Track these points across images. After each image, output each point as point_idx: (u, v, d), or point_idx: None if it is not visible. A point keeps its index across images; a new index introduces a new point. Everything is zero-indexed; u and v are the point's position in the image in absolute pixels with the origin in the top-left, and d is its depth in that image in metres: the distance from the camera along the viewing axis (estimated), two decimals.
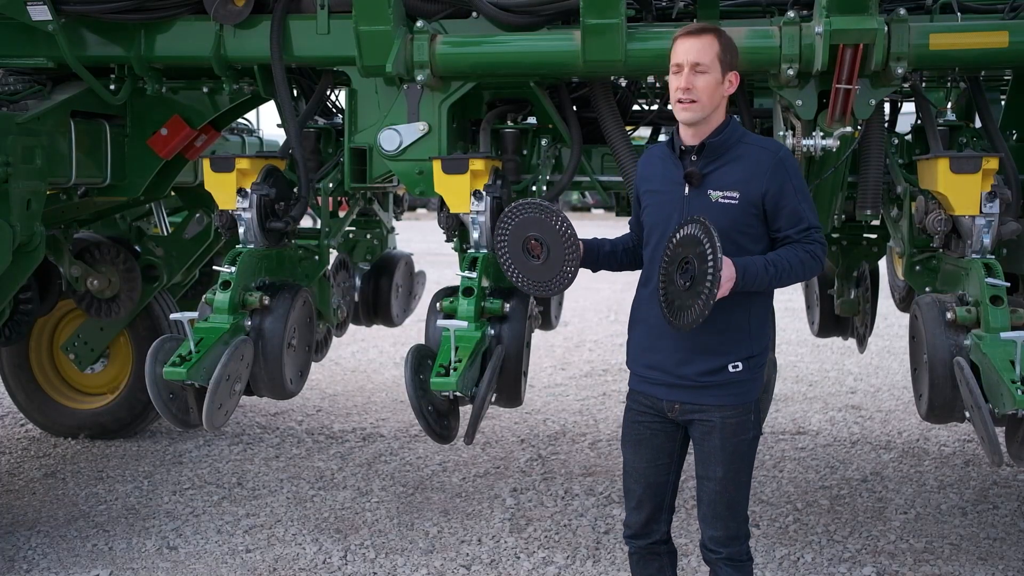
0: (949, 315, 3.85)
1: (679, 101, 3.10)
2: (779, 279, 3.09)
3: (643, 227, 3.35)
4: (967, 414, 3.76)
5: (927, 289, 4.40)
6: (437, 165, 4.24)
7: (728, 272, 2.96)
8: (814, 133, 3.98)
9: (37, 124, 4.58)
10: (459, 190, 4.24)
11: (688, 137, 3.19)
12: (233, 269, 4.20)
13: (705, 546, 3.32)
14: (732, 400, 3.18)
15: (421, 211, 22.78)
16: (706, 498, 3.26)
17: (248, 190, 4.40)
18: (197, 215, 6.15)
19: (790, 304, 10.55)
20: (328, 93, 5.11)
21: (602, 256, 3.49)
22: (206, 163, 4.48)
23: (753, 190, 3.10)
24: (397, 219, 6.62)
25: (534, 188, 4.68)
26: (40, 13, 4.38)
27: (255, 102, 5.17)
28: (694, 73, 3.07)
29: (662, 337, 3.20)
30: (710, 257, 2.90)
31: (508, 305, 4.18)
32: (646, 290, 3.29)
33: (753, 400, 3.23)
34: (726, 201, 3.10)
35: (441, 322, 3.96)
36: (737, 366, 3.16)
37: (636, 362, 3.33)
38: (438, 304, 4.22)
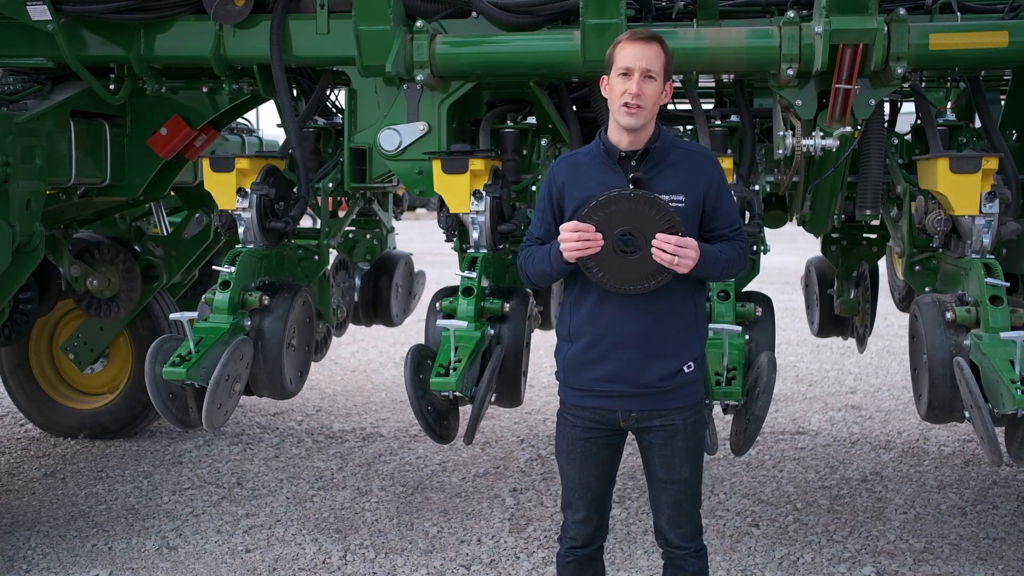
0: (949, 315, 3.86)
1: (626, 105, 3.05)
2: (721, 269, 3.17)
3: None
4: (967, 414, 3.76)
5: (927, 289, 4.40)
6: (437, 165, 4.24)
7: (693, 252, 3.01)
8: (814, 133, 3.99)
9: (37, 124, 4.58)
10: (459, 190, 4.24)
11: (625, 143, 3.14)
12: (233, 269, 4.20)
13: (671, 545, 3.31)
14: (690, 400, 3.23)
15: (421, 211, 22.75)
16: (669, 500, 3.27)
17: (248, 190, 4.40)
18: (197, 215, 6.15)
19: (790, 304, 10.54)
20: (328, 93, 5.11)
21: None
22: (206, 163, 4.49)
23: (697, 192, 3.15)
24: (397, 219, 6.62)
25: (533, 188, 4.68)
26: (40, 13, 4.38)
27: (255, 102, 5.17)
28: (644, 79, 3.05)
29: (614, 348, 3.15)
30: (663, 220, 2.99)
31: (508, 305, 4.19)
32: (588, 302, 3.18)
33: (702, 396, 3.33)
34: (674, 205, 3.10)
35: (441, 322, 3.97)
36: (691, 366, 3.19)
37: (580, 376, 3.22)
38: (438, 304, 4.23)
